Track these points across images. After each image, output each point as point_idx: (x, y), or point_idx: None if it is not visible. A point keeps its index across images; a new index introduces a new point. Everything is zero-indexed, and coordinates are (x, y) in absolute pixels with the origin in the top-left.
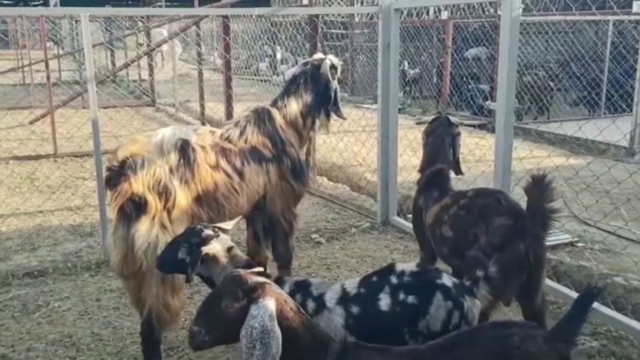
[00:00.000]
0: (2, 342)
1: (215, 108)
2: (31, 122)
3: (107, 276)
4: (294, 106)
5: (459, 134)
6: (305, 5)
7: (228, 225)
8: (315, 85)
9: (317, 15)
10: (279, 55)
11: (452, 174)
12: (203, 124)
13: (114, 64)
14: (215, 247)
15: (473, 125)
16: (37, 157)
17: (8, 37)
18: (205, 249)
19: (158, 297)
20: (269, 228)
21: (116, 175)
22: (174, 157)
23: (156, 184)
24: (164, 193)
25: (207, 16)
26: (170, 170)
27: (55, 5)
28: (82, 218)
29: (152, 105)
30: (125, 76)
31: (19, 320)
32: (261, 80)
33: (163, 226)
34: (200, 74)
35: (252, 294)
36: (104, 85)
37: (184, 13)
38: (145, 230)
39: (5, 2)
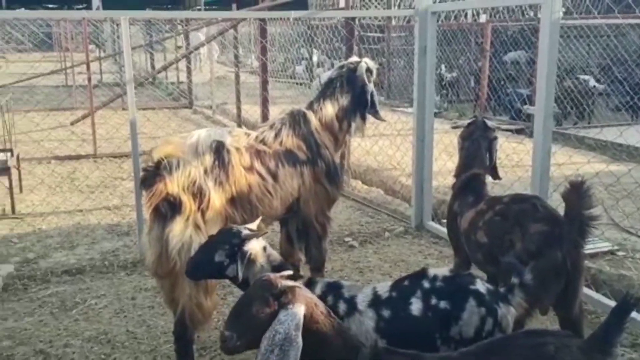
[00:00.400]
0: (41, 337)
1: (252, 110)
2: (72, 123)
3: (143, 275)
4: (329, 109)
5: (495, 138)
6: (342, 8)
7: (252, 225)
8: (352, 88)
9: (353, 18)
10: (315, 58)
11: (488, 179)
12: (239, 126)
13: (153, 67)
14: (255, 247)
15: (511, 130)
16: (78, 157)
17: (52, 40)
18: (249, 249)
19: (191, 297)
20: (303, 231)
21: (151, 175)
22: (208, 159)
23: (191, 184)
24: (199, 194)
25: (244, 19)
26: (205, 172)
27: (97, 9)
28: (119, 217)
29: (189, 107)
30: (164, 78)
31: (57, 317)
32: (297, 83)
33: (197, 227)
34: (237, 76)
35: (282, 298)
36: (143, 87)
37: (222, 16)
38: (179, 230)
39: (50, 5)
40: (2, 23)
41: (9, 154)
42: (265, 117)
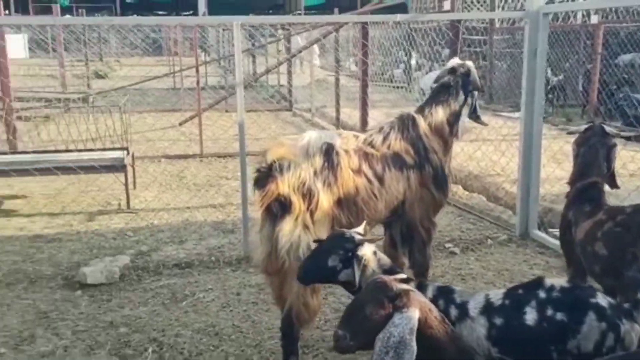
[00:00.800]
0: (154, 326)
1: (351, 114)
2: (181, 124)
3: (247, 272)
4: (440, 113)
5: (615, 145)
6: (447, 11)
7: (359, 229)
8: (464, 93)
9: (459, 21)
10: (413, 62)
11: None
12: (337, 129)
13: (255, 70)
14: (367, 252)
15: (628, 137)
16: (186, 157)
17: (162, 44)
18: (362, 254)
19: (298, 296)
20: (407, 235)
21: (264, 176)
22: (318, 160)
23: (301, 185)
24: (308, 195)
25: (347, 23)
26: (315, 173)
27: (203, 14)
28: (224, 215)
29: (289, 109)
30: (266, 81)
31: (169, 308)
32: (395, 87)
33: (305, 226)
34: (337, 79)
35: (397, 301)
36: (246, 89)
37: (327, 20)
38: (289, 229)
39: (160, 12)
40: (117, 29)
41: (125, 152)
42: (364, 120)
